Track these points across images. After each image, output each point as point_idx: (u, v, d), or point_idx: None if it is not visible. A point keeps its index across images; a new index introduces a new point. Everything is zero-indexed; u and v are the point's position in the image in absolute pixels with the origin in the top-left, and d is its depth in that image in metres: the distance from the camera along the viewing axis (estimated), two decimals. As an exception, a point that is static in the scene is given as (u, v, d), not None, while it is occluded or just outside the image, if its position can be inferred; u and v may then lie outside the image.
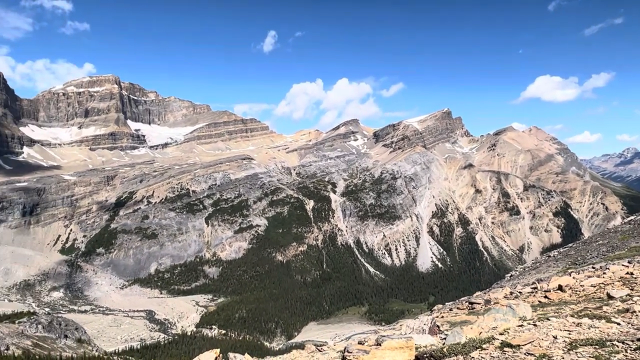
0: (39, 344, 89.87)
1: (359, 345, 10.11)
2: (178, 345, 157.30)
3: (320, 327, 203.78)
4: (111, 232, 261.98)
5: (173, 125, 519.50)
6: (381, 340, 9.40)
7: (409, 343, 8.97)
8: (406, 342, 8.95)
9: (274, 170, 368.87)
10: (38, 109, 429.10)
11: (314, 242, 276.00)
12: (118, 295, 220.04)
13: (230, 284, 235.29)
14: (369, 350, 9.01)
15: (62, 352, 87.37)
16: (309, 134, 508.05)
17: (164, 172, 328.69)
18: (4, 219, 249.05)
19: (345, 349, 9.50)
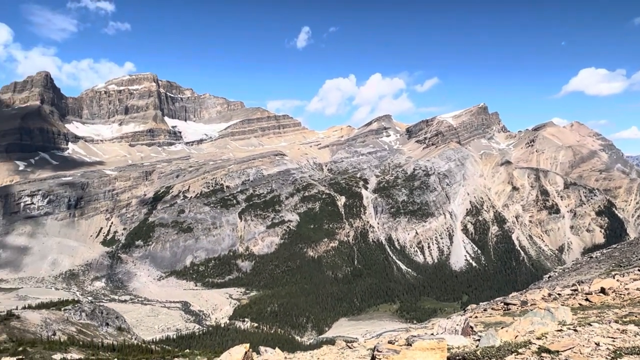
0: (82, 331, 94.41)
1: (389, 344, 9.99)
2: (212, 336, 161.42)
3: (351, 323, 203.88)
4: (149, 225, 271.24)
5: (208, 121, 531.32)
6: (412, 340, 9.25)
7: (441, 344, 8.78)
8: (438, 343, 8.76)
9: (305, 167, 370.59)
10: (82, 106, 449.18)
11: (345, 238, 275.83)
12: (155, 287, 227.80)
13: (263, 278, 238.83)
14: (400, 350, 8.87)
15: (104, 339, 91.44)
16: (341, 130, 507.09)
17: (199, 167, 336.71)
18: (51, 212, 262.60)
19: (375, 348, 9.40)
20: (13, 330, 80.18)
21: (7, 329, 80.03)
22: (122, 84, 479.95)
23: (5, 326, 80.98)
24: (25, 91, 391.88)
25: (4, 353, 51.79)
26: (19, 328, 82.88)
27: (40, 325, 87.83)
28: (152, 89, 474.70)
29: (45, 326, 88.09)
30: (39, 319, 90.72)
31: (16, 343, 68.28)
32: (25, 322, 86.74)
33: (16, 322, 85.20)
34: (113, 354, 66.44)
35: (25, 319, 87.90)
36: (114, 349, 75.99)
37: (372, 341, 22.41)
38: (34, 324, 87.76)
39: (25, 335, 79.66)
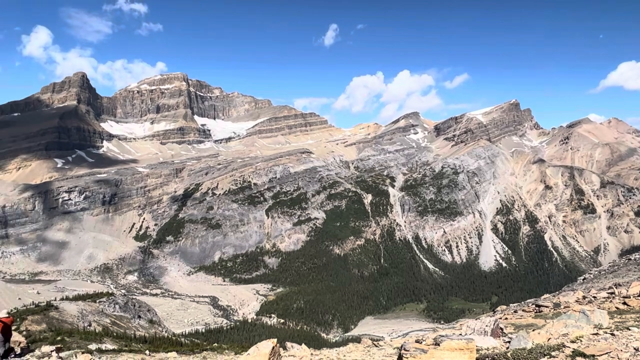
0: (116, 322, 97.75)
1: (416, 343, 9.91)
2: (239, 331, 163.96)
3: (377, 321, 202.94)
4: (179, 221, 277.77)
5: (236, 119, 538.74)
6: (440, 340, 9.14)
7: (470, 345, 8.63)
8: (467, 344, 8.62)
9: (332, 164, 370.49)
10: (116, 106, 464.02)
11: (371, 236, 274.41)
12: (185, 281, 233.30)
13: (289, 275, 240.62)
14: (427, 349, 8.79)
15: (136, 331, 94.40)
16: (368, 127, 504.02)
17: (228, 165, 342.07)
18: (87, 208, 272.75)
19: (402, 347, 9.34)
20: (52, 320, 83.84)
21: (46, 319, 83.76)
22: (153, 83, 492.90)
23: (44, 316, 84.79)
24: (63, 91, 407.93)
25: (44, 342, 54.21)
26: (57, 318, 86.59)
27: (77, 316, 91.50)
28: (182, 88, 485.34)
29: (81, 317, 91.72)
30: (75, 310, 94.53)
31: (55, 332, 71.34)
32: (63, 313, 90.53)
33: (55, 312, 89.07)
34: (144, 346, 68.36)
35: (63, 310, 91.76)
36: (146, 341, 78.24)
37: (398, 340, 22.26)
38: (71, 314, 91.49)
39: (63, 325, 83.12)
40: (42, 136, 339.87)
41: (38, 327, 77.80)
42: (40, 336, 66.01)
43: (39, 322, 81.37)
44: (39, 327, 77.53)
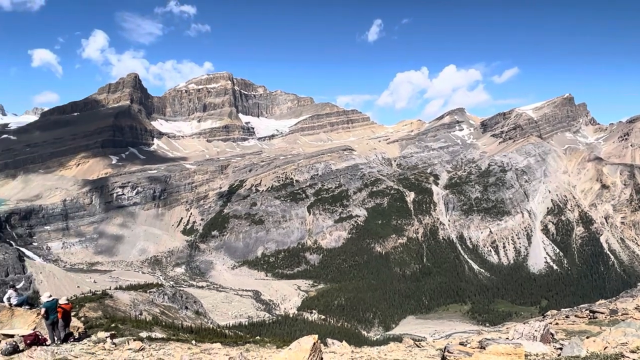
0: (165, 312, 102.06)
1: (460, 345, 9.65)
2: (281, 325, 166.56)
3: (418, 321, 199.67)
4: (224, 216, 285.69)
5: (279, 117, 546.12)
6: (485, 343, 8.85)
7: (518, 350, 8.28)
8: (514, 349, 8.28)
9: (374, 161, 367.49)
10: (165, 105, 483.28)
11: (414, 235, 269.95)
12: (229, 275, 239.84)
13: (330, 272, 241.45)
14: (472, 352, 8.53)
15: (183, 321, 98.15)
16: (411, 124, 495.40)
17: (271, 162, 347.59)
18: (139, 202, 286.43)
19: (446, 349, 9.14)
20: (107, 308, 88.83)
21: (102, 306, 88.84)
22: (200, 82, 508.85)
23: (100, 304, 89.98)
24: (118, 92, 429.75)
25: (99, 328, 57.51)
26: (111, 306, 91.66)
27: (130, 305, 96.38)
28: (227, 87, 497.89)
29: (133, 306, 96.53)
30: (128, 299, 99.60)
31: (109, 320, 75.52)
32: (117, 302, 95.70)
33: (109, 301, 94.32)
34: (191, 336, 70.92)
35: (117, 299, 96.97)
36: (192, 331, 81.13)
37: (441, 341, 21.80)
38: (124, 303, 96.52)
39: (117, 313, 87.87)
40: (99, 134, 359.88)
41: (94, 314, 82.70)
42: (97, 322, 70.12)
43: (96, 309, 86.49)
44: (96, 314, 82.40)
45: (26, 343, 18.37)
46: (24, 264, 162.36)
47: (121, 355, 15.89)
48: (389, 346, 20.11)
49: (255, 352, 19.85)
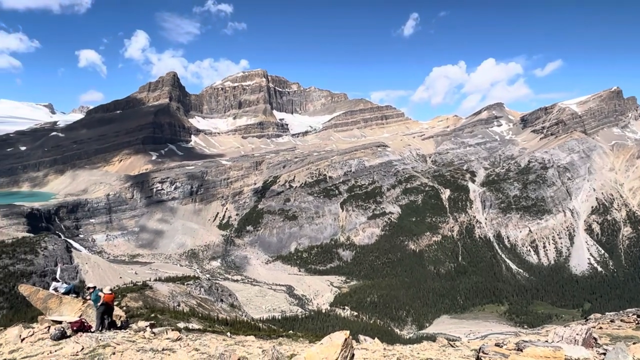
0: (201, 304, 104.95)
1: (496, 347, 9.41)
2: (313, 320, 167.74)
3: (453, 321, 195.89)
4: (258, 212, 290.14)
5: (313, 114, 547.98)
6: (523, 345, 8.58)
7: (557, 353, 7.99)
8: (554, 352, 7.99)
9: (408, 158, 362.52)
10: (202, 102, 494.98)
11: (449, 232, 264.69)
12: (263, 269, 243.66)
13: (363, 268, 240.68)
14: (508, 354, 8.31)
15: (219, 313, 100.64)
16: (447, 120, 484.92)
17: (304, 158, 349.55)
18: (177, 197, 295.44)
19: (481, 349, 8.94)
20: (147, 299, 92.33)
21: (142, 297, 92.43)
22: (236, 80, 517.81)
23: (141, 294, 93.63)
24: (157, 90, 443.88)
25: (140, 317, 59.88)
26: (151, 297, 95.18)
27: (168, 296, 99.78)
28: (262, 84, 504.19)
29: (171, 297, 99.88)
30: (167, 290, 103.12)
31: (149, 310, 78.48)
32: (156, 293, 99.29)
33: (149, 292, 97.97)
34: (226, 328, 72.67)
35: (156, 290, 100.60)
36: (227, 323, 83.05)
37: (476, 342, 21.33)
38: (163, 294, 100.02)
39: (156, 303, 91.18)
40: (140, 131, 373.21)
41: (135, 303, 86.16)
42: (137, 312, 73.04)
43: (137, 299, 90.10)
44: (136, 304, 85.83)
45: (73, 329, 19.40)
46: (71, 254, 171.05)
47: (160, 344, 16.51)
48: (422, 345, 19.88)
49: (288, 346, 20.12)
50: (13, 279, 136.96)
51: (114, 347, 15.53)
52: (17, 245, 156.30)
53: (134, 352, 14.83)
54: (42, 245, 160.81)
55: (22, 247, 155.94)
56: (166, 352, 15.07)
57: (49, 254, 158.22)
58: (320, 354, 8.56)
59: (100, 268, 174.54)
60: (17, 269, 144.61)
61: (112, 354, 14.44)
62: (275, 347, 13.11)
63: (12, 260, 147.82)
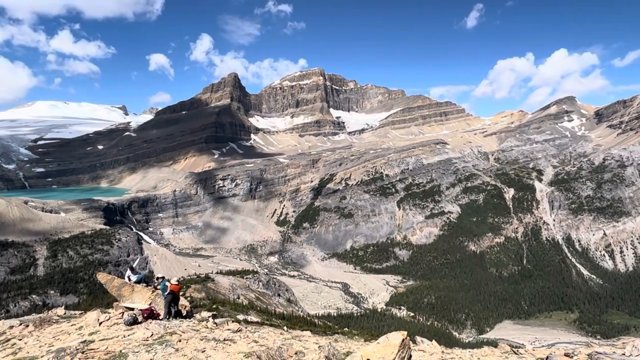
0: (259, 298, 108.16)
1: (565, 357, 8.87)
2: (369, 319, 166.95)
3: (516, 327, 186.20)
4: (315, 209, 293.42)
5: (369, 111, 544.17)
6: (596, 357, 8.02)
7: (635, 368, 7.36)
8: (630, 366, 7.37)
9: (469, 155, 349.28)
10: (261, 102, 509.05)
11: (512, 234, 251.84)
12: (319, 266, 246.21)
13: (420, 268, 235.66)
14: (578, 365, 7.79)
15: (276, 307, 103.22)
16: (511, 115, 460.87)
17: (360, 156, 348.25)
18: (237, 194, 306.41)
19: (548, 358, 8.47)
20: (209, 290, 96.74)
21: (205, 288, 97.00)
22: (294, 79, 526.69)
23: (204, 286, 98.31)
24: (219, 91, 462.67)
25: (203, 308, 62.95)
26: (213, 289, 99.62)
27: (228, 289, 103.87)
28: (319, 83, 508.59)
29: (232, 290, 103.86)
30: (227, 283, 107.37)
31: (211, 301, 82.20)
32: (217, 285, 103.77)
33: (211, 284, 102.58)
34: (282, 322, 74.41)
35: (217, 282, 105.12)
36: (284, 318, 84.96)
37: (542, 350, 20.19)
38: (224, 287, 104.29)
39: (217, 295, 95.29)
40: (203, 131, 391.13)
41: (198, 295, 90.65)
42: (200, 303, 76.82)
43: (200, 290, 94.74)
44: (199, 295, 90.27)
45: (143, 316, 20.85)
46: (141, 246, 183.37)
47: (221, 334, 17.30)
48: (483, 350, 19.16)
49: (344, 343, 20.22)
50: (92, 268, 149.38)
51: (180, 334, 16.50)
52: (95, 237, 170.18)
53: (198, 341, 15.67)
54: (117, 237, 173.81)
55: (99, 239, 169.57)
56: (227, 342, 15.76)
57: (122, 245, 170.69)
58: (377, 353, 8.56)
59: (167, 260, 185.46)
60: (95, 258, 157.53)
61: (179, 341, 15.35)
62: (332, 344, 13.27)
63: (91, 250, 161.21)
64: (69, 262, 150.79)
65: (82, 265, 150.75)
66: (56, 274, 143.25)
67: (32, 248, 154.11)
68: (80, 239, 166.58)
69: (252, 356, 12.84)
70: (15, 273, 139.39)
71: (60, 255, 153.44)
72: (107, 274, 28.32)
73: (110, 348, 14.79)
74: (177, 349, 14.33)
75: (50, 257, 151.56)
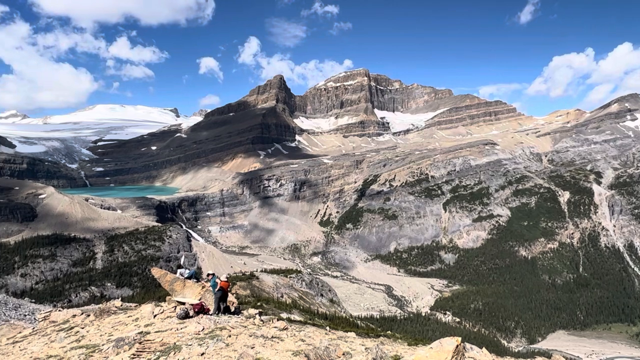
0: (302, 297, 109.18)
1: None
2: (412, 323, 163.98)
3: (571, 338, 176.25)
4: (358, 210, 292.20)
5: (415, 111, 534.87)
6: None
7: None
8: None
9: (520, 157, 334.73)
10: (306, 103, 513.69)
11: (567, 240, 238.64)
12: (362, 267, 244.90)
13: (467, 273, 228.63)
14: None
15: (319, 307, 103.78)
16: (567, 114, 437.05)
17: (405, 157, 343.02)
18: (282, 194, 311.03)
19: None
20: (254, 288, 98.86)
21: (250, 286, 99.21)
22: (338, 80, 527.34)
23: (249, 284, 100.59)
24: (265, 93, 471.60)
25: (248, 305, 64.43)
26: (257, 287, 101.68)
27: (272, 287, 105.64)
28: (363, 84, 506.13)
29: (275, 288, 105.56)
30: (271, 281, 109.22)
31: (255, 298, 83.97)
32: (262, 283, 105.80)
33: (256, 281, 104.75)
34: (325, 322, 74.82)
35: (262, 280, 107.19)
36: (326, 318, 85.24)
37: (602, 364, 19.04)
38: (268, 285, 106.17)
39: (262, 293, 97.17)
40: (249, 132, 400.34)
41: (244, 292, 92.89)
42: (245, 300, 78.70)
43: (245, 288, 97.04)
44: (245, 292, 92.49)
45: (194, 311, 21.68)
46: (190, 243, 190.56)
47: (269, 331, 17.69)
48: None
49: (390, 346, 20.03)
50: (144, 262, 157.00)
51: (229, 330, 17.03)
52: (148, 233, 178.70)
53: (247, 337, 16.10)
54: (168, 234, 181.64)
55: (152, 235, 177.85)
56: (275, 339, 16.09)
57: (173, 242, 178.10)
58: (429, 358, 8.43)
59: (214, 257, 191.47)
60: (147, 253, 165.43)
61: (228, 336, 15.85)
62: (379, 346, 13.22)
63: (145, 246, 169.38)
64: (125, 257, 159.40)
65: (136, 260, 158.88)
66: (113, 267, 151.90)
67: (92, 243, 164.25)
68: (135, 235, 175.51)
69: (300, 355, 13.05)
70: (77, 265, 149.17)
71: (116, 250, 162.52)
72: (161, 269, 29.67)
73: (165, 340, 15.53)
74: (228, 344, 14.81)
75: (107, 251, 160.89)
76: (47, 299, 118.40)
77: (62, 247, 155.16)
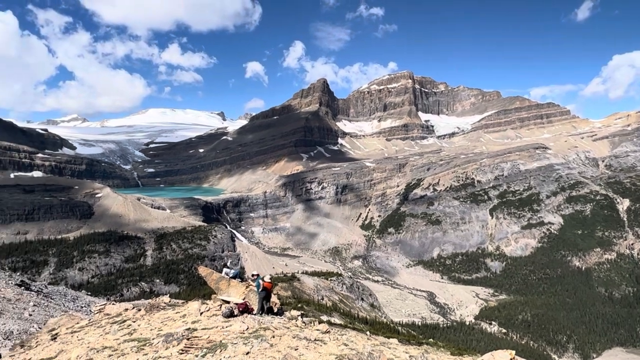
0: (343, 301, 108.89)
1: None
2: (456, 332, 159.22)
3: (629, 356, 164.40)
4: (400, 214, 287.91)
5: (461, 114, 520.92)
6: None
7: None
8: None
9: (574, 162, 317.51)
10: (349, 106, 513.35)
11: (626, 250, 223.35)
12: (404, 273, 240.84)
13: (514, 282, 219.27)
14: None
15: (359, 311, 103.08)
16: (628, 117, 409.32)
17: (450, 161, 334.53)
18: (323, 197, 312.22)
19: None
20: (295, 290, 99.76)
21: (291, 287, 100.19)
22: (382, 83, 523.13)
23: (290, 285, 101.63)
24: (309, 96, 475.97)
25: (289, 306, 65.07)
26: (298, 288, 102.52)
27: (313, 289, 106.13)
28: (407, 86, 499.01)
29: (316, 290, 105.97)
30: (312, 283, 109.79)
31: (296, 300, 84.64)
32: (303, 285, 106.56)
33: (297, 283, 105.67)
34: (365, 327, 74.25)
35: (303, 282, 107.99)
36: (367, 322, 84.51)
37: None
38: (308, 287, 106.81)
39: (302, 295, 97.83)
40: (293, 135, 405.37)
41: (285, 293, 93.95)
42: (286, 301, 79.55)
43: (286, 289, 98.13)
44: (286, 293, 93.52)
45: (239, 310, 22.18)
46: (234, 243, 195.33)
47: (311, 334, 17.79)
48: (592, 379, 17.29)
49: (435, 355, 19.57)
50: (191, 261, 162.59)
51: (273, 330, 17.29)
52: (194, 233, 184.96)
53: (290, 338, 16.28)
54: (213, 234, 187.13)
55: (198, 234, 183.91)
56: (318, 342, 16.16)
57: (217, 241, 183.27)
58: (479, 370, 8.15)
59: (257, 257, 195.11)
60: (194, 252, 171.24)
61: (272, 337, 16.10)
62: (424, 355, 12.96)
63: (191, 245, 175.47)
64: (172, 255, 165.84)
65: (183, 258, 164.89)
66: (161, 264, 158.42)
67: (142, 240, 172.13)
68: (182, 234, 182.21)
69: (343, 359, 13.02)
70: (129, 262, 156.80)
71: (165, 248, 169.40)
72: (207, 268, 30.62)
73: (211, 337, 16.00)
74: (272, 345, 15.05)
75: (157, 249, 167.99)
76: (102, 292, 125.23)
77: (116, 244, 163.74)
